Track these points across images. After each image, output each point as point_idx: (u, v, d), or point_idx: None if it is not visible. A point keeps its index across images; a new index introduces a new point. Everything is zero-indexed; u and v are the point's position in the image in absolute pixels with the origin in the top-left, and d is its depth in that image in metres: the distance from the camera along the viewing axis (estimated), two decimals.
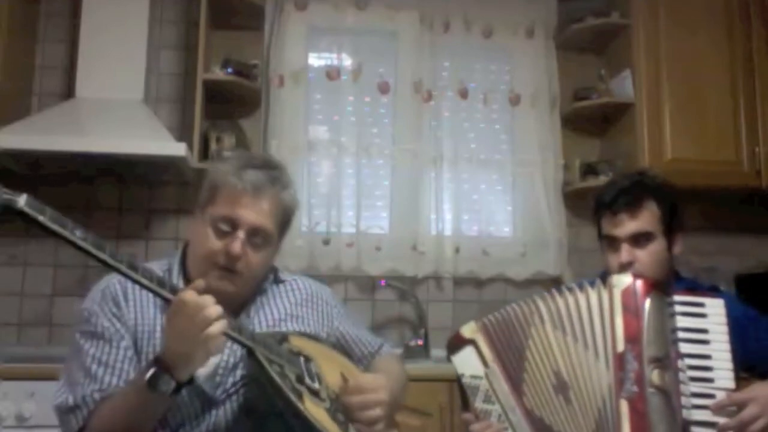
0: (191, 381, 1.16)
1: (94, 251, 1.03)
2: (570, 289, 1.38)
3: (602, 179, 2.86)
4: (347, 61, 2.94)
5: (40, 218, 0.99)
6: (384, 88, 2.96)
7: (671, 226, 1.59)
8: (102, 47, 2.63)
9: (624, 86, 2.86)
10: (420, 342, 2.82)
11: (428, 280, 2.93)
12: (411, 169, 2.90)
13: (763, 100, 2.81)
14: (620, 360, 1.29)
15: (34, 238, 2.68)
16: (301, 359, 1.26)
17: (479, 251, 2.92)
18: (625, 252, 1.55)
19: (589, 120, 3.06)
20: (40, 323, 2.69)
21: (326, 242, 2.83)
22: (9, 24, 2.52)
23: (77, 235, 1.02)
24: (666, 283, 1.43)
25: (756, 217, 3.02)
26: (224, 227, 1.28)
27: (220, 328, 1.11)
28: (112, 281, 1.32)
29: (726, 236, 3.00)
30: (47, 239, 1.13)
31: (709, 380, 1.28)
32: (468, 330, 1.39)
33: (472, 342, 1.37)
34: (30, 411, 2.05)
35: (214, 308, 1.11)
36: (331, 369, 1.33)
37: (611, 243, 1.60)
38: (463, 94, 2.98)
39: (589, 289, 1.37)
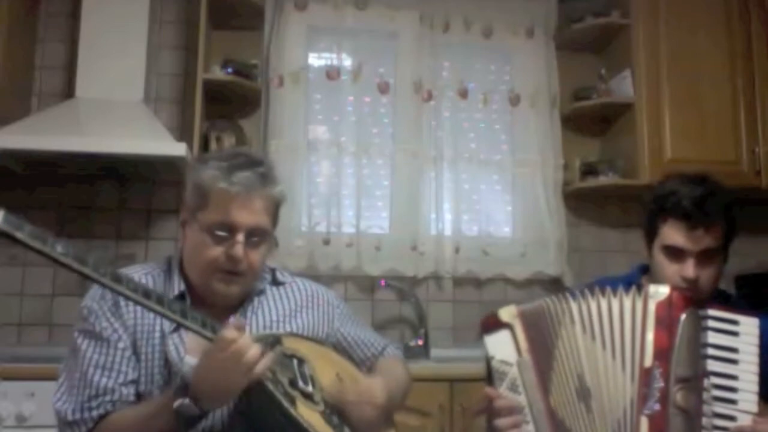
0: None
1: (76, 266, 1.01)
2: (603, 291, 1.33)
3: (602, 179, 2.87)
4: (347, 61, 2.94)
5: (18, 235, 0.97)
6: (384, 88, 2.95)
7: (729, 242, 1.52)
8: (102, 47, 2.62)
9: (624, 86, 2.86)
10: (420, 342, 2.81)
11: (428, 280, 2.93)
12: (411, 169, 2.90)
13: (763, 100, 2.82)
14: (646, 375, 1.24)
15: None
16: (295, 362, 1.24)
17: (479, 251, 2.92)
18: (694, 268, 1.46)
19: (589, 120, 3.06)
20: (40, 323, 2.69)
21: (326, 242, 2.82)
22: (9, 24, 2.52)
23: (58, 250, 1.00)
24: (704, 299, 1.38)
25: (756, 218, 2.99)
26: (221, 232, 1.28)
27: (262, 367, 1.13)
28: None
29: None
30: None
31: (733, 401, 1.24)
32: (507, 314, 1.33)
33: (509, 326, 1.32)
34: (30, 411, 2.05)
35: (256, 348, 1.13)
36: (326, 369, 1.32)
37: (676, 253, 1.49)
38: (463, 94, 2.98)
39: (623, 295, 1.31)
